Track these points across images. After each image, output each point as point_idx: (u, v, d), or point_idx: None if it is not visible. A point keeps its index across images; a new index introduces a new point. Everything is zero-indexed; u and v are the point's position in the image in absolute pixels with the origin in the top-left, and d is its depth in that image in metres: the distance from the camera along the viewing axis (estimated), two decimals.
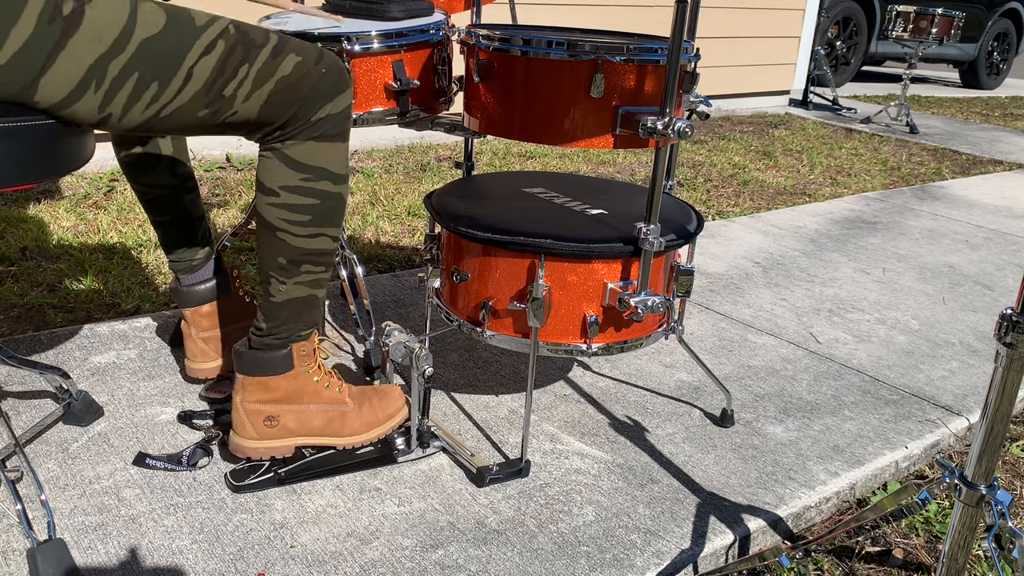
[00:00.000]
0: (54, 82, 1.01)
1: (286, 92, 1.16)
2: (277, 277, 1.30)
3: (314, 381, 1.40)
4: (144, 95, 1.07)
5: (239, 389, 1.37)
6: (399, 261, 2.49)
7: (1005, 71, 8.79)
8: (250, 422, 1.37)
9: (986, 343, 2.15)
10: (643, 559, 1.27)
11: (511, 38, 1.38)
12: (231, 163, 3.44)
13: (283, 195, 1.24)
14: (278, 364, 1.36)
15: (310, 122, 1.20)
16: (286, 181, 1.23)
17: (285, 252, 1.28)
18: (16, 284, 2.11)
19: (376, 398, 1.47)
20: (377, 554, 1.24)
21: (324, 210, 1.27)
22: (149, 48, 1.05)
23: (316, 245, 1.29)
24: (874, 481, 1.57)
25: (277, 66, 1.15)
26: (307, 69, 1.18)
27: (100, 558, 1.19)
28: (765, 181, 3.81)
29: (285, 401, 1.38)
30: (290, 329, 1.34)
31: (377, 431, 1.45)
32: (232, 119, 1.15)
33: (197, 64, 1.08)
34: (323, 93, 1.20)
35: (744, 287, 2.43)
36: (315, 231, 1.28)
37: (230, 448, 1.40)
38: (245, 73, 1.12)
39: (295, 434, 1.40)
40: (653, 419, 1.67)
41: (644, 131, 1.32)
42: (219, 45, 1.09)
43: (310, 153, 1.22)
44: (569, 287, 1.42)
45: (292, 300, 1.32)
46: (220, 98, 1.12)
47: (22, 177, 1.11)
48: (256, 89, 1.14)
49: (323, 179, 1.25)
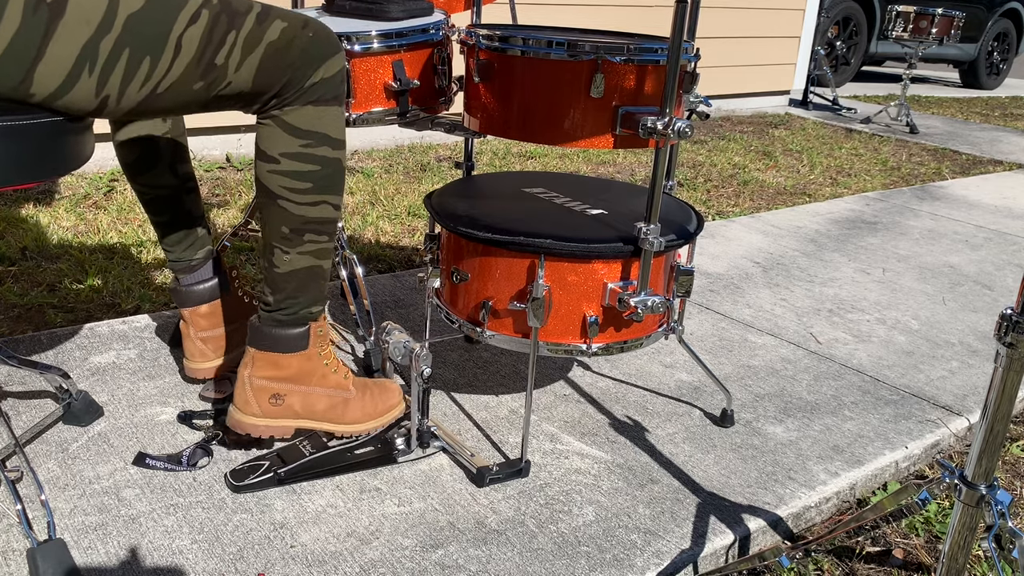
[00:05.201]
0: (48, 71, 1.01)
1: (277, 58, 1.17)
2: (281, 247, 1.30)
3: (324, 364, 1.40)
4: (138, 72, 1.07)
5: (248, 363, 1.36)
6: (399, 261, 2.49)
7: (1005, 71, 8.79)
8: (255, 398, 1.36)
9: (986, 343, 2.15)
10: (643, 559, 1.27)
11: (511, 38, 1.38)
12: (231, 163, 3.44)
13: (283, 162, 1.24)
14: (294, 342, 1.35)
15: (304, 87, 1.20)
16: (286, 147, 1.23)
17: (288, 221, 1.28)
18: (16, 284, 2.11)
19: (377, 390, 1.47)
20: (377, 554, 1.24)
21: (325, 176, 1.27)
22: (135, 23, 1.05)
23: (318, 213, 1.29)
24: (874, 481, 1.57)
25: (264, 32, 1.15)
26: (295, 33, 1.18)
27: (100, 558, 1.19)
28: (765, 181, 3.81)
29: (293, 381, 1.38)
30: (298, 303, 1.34)
31: (376, 422, 1.46)
32: (227, 91, 1.16)
33: (184, 34, 1.08)
34: (314, 57, 1.20)
35: (744, 287, 2.43)
36: (317, 198, 1.28)
37: (228, 423, 1.38)
38: (233, 40, 1.12)
39: (298, 416, 1.40)
40: (653, 419, 1.67)
41: (644, 131, 1.33)
42: (203, 14, 1.10)
43: (308, 118, 1.23)
44: (569, 287, 1.42)
45: (297, 271, 1.32)
46: (212, 67, 1.12)
47: (22, 177, 1.11)
48: (246, 56, 1.14)
49: (323, 144, 1.25)
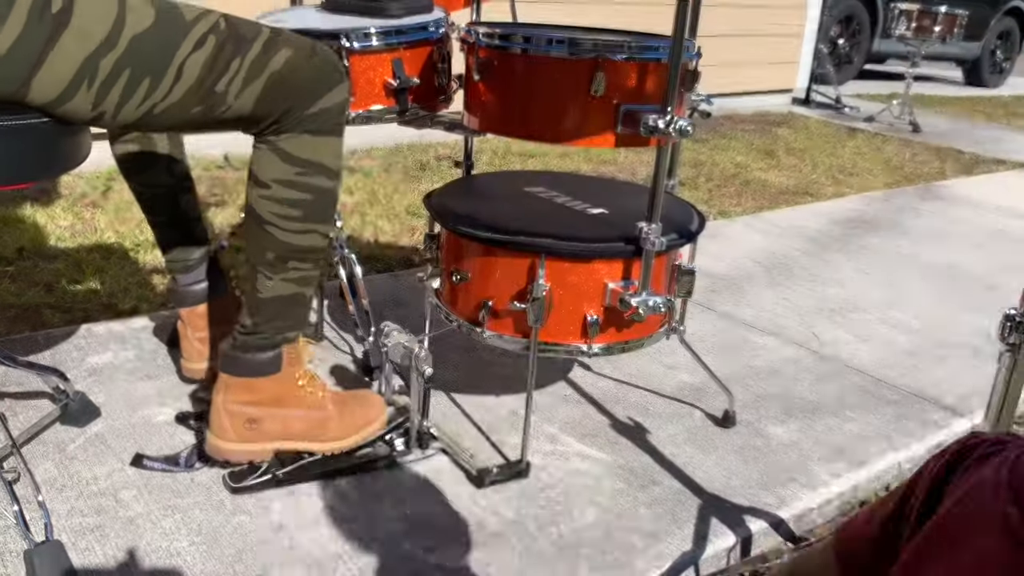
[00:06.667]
0: (47, 80, 1.00)
1: (279, 87, 1.15)
2: (264, 272, 1.28)
3: (299, 385, 1.39)
4: (136, 92, 1.05)
5: (221, 389, 1.35)
6: (398, 261, 2.48)
7: (1008, 70, 8.77)
8: (230, 424, 1.35)
9: (989, 343, 2.14)
10: (644, 561, 1.26)
11: (511, 36, 1.37)
12: (229, 163, 3.43)
13: (275, 188, 1.22)
14: (265, 366, 1.34)
15: (304, 116, 1.19)
16: (279, 175, 1.22)
17: (273, 246, 1.26)
18: (13, 284, 2.10)
19: (355, 404, 1.45)
20: (376, 556, 1.23)
21: (316, 206, 1.25)
22: (139, 44, 1.03)
23: (305, 242, 1.27)
24: (877, 482, 1.56)
25: (269, 60, 1.14)
26: (299, 63, 1.16)
27: (98, 559, 1.18)
28: (767, 180, 3.80)
29: (269, 404, 1.36)
30: (276, 327, 1.32)
31: (356, 437, 1.43)
32: (226, 115, 1.14)
33: (188, 60, 1.07)
34: (317, 87, 1.18)
35: (746, 287, 2.42)
36: (305, 227, 1.26)
37: (207, 449, 1.38)
38: (237, 68, 1.11)
39: (275, 438, 1.38)
40: (654, 420, 1.66)
41: (646, 130, 1.32)
42: (209, 40, 1.08)
43: (305, 147, 1.21)
44: (570, 287, 1.41)
45: (278, 297, 1.30)
46: (212, 94, 1.11)
47: (18, 176, 1.11)
48: (248, 85, 1.13)
49: (317, 174, 1.23)
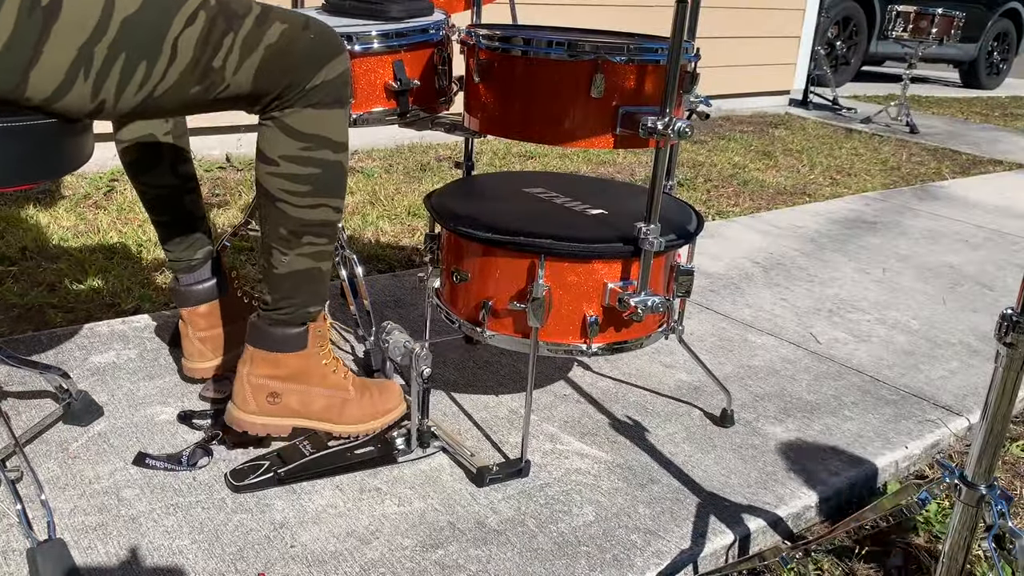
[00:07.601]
0: (43, 76, 1.01)
1: (276, 61, 1.15)
2: (279, 248, 1.29)
3: (323, 364, 1.40)
4: (134, 77, 1.06)
5: (246, 361, 1.36)
6: (399, 261, 2.49)
7: (1005, 71, 8.78)
8: (252, 396, 1.36)
9: (986, 343, 2.15)
10: (643, 559, 1.27)
11: (511, 38, 1.38)
12: (231, 163, 3.44)
13: (283, 164, 1.23)
14: (292, 341, 1.35)
15: (305, 90, 1.19)
16: (285, 150, 1.22)
17: (285, 222, 1.27)
18: (16, 284, 2.11)
19: (376, 391, 1.47)
20: (377, 554, 1.24)
21: (324, 179, 1.26)
22: (131, 26, 1.03)
23: (317, 216, 1.28)
24: (874, 481, 1.57)
25: (263, 34, 1.13)
26: (295, 35, 1.16)
27: (100, 558, 1.19)
28: (765, 181, 3.81)
29: (291, 380, 1.38)
30: (295, 304, 1.34)
31: (374, 423, 1.45)
32: (226, 93, 1.14)
33: (181, 37, 1.07)
34: (315, 59, 1.18)
35: (744, 287, 2.43)
36: (316, 201, 1.27)
37: (226, 419, 1.39)
38: (231, 43, 1.11)
39: (296, 414, 1.40)
40: (653, 419, 1.67)
41: (644, 131, 1.32)
42: (200, 16, 1.08)
43: (309, 121, 1.21)
44: (569, 287, 1.42)
45: (295, 272, 1.31)
46: (210, 71, 1.10)
47: (21, 177, 1.11)
48: (244, 59, 1.13)
49: (323, 148, 1.24)
